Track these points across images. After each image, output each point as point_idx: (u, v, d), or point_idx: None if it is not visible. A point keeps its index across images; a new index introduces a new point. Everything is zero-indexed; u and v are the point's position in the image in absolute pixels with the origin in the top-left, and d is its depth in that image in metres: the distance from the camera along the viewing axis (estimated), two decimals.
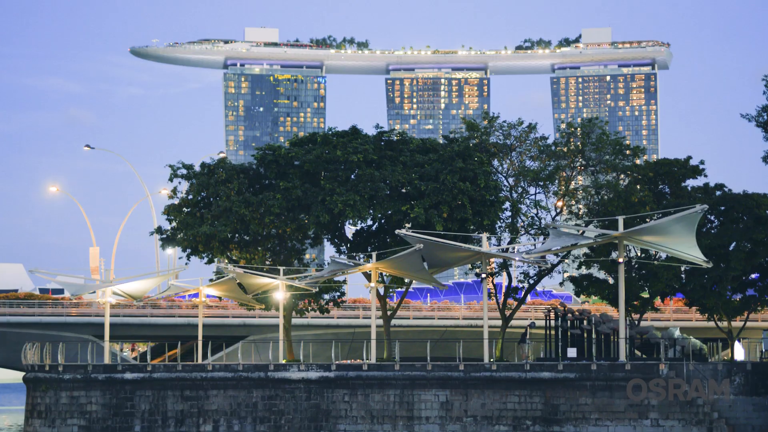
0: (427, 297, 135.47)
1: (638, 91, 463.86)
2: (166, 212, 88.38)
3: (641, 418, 71.02)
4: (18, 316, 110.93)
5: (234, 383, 76.58)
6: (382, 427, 73.98)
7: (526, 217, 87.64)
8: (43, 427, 78.49)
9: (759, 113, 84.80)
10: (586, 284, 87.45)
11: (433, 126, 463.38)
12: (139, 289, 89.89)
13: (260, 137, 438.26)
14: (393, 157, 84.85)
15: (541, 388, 72.57)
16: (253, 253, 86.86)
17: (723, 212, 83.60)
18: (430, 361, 74.73)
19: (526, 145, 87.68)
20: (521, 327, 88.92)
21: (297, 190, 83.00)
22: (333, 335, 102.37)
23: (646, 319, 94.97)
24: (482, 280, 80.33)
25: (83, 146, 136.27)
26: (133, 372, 78.69)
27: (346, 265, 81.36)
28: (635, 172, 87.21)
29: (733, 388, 72.33)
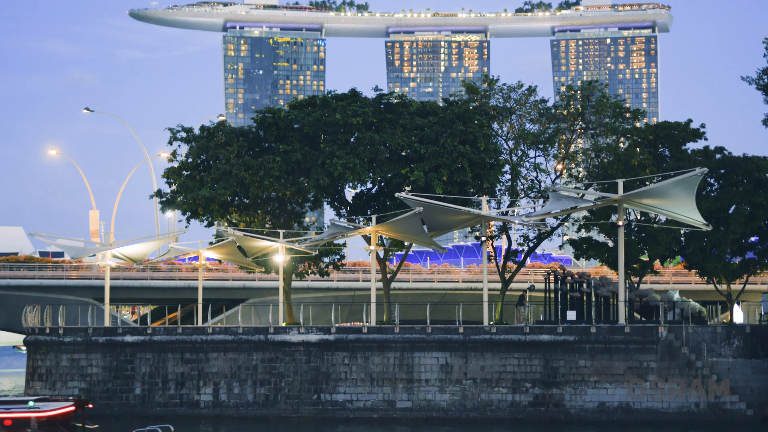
0: (426, 260, 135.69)
1: (638, 54, 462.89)
2: (166, 175, 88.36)
3: (640, 380, 71.26)
4: (18, 279, 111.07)
5: (234, 346, 76.78)
6: (381, 390, 74.22)
7: (526, 180, 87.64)
8: (43, 389, 78.71)
9: (759, 76, 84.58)
10: (586, 247, 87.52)
11: (433, 89, 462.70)
12: (139, 252, 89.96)
13: (260, 100, 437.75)
14: (393, 120, 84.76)
15: (540, 350, 72.76)
16: (252, 216, 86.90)
17: (723, 175, 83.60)
18: (429, 324, 74.91)
19: (526, 108, 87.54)
20: (521, 290, 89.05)
21: (296, 153, 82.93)
22: (333, 298, 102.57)
23: (645, 282, 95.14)
24: (482, 243, 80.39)
25: (83, 109, 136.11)
26: (134, 335, 78.89)
27: (345, 228, 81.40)
28: (635, 135, 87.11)
29: (732, 351, 72.52)
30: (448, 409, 73.18)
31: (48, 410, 39.41)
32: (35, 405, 39.37)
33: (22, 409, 39.31)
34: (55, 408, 39.88)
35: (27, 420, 39.10)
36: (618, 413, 70.89)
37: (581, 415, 71.27)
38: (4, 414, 39.19)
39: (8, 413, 39.19)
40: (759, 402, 71.09)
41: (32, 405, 39.23)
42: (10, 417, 39.15)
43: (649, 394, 70.91)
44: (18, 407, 39.53)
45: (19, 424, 39.37)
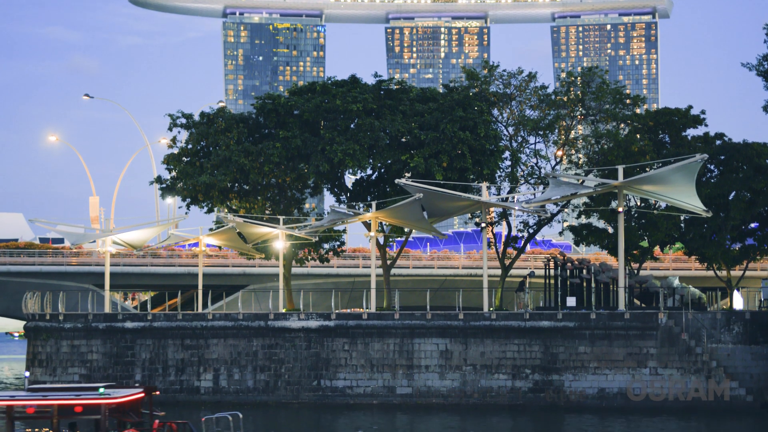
0: (426, 246, 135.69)
1: (639, 40, 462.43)
2: (166, 161, 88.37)
3: (640, 366, 71.32)
4: (18, 265, 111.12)
5: (234, 332, 76.83)
6: (381, 376, 74.27)
7: (526, 166, 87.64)
8: (44, 375, 78.81)
9: (760, 62, 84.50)
10: (586, 234, 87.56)
11: (433, 75, 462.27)
12: (139, 238, 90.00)
13: (260, 86, 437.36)
14: (393, 106, 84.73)
15: (540, 336, 72.81)
16: (252, 202, 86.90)
17: (723, 162, 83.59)
18: (429, 310, 74.94)
19: (526, 95, 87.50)
20: (521, 276, 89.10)
21: (296, 140, 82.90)
22: (333, 284, 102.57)
23: (645, 269, 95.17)
24: (482, 229, 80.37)
25: (83, 95, 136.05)
26: (134, 321, 78.93)
27: (345, 215, 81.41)
28: (635, 121, 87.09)
29: (732, 337, 72.57)
30: (448, 395, 73.26)
31: (118, 397, 39.39)
32: (105, 391, 39.35)
33: (92, 396, 39.26)
34: (125, 395, 39.86)
35: (97, 407, 39.06)
36: (618, 399, 70.96)
37: (581, 401, 71.34)
38: (75, 401, 39.19)
39: (78, 400, 39.18)
40: (758, 388, 71.14)
41: (102, 392, 39.21)
42: (80, 404, 39.14)
43: (649, 380, 70.97)
44: (88, 394, 39.50)
45: (90, 410, 39.36)
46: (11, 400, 39.55)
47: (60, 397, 39.64)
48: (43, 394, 40.14)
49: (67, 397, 39.58)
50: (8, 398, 39.77)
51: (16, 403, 39.53)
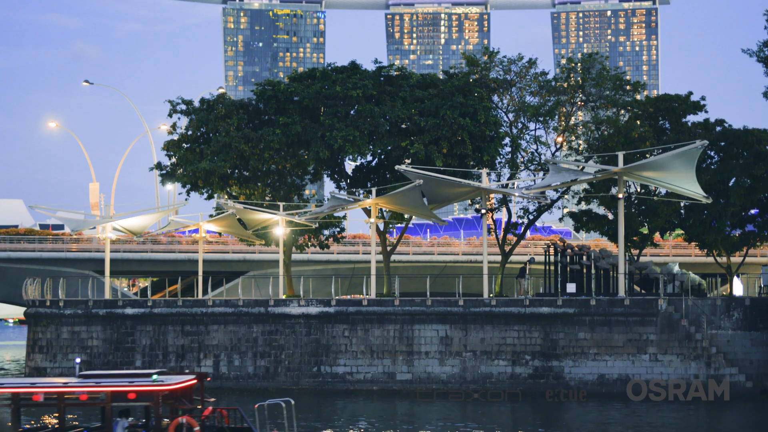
0: (426, 232, 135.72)
1: (639, 27, 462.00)
2: (166, 148, 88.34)
3: (640, 353, 71.39)
4: (18, 251, 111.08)
5: (234, 318, 76.89)
6: (381, 362, 74.35)
7: (526, 152, 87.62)
8: (44, 362, 78.87)
9: (760, 48, 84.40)
10: (586, 220, 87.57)
11: (433, 61, 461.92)
12: (139, 224, 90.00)
13: (259, 73, 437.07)
14: (392, 92, 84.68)
15: (540, 323, 72.86)
16: (252, 188, 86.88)
17: (723, 148, 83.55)
18: (429, 297, 74.98)
19: (526, 81, 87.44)
20: (521, 262, 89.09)
21: (296, 126, 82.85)
22: (333, 271, 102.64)
23: (645, 255, 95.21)
24: (482, 215, 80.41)
25: (82, 82, 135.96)
26: (134, 307, 78.98)
27: (345, 201, 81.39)
28: (635, 107, 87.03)
29: (732, 323, 72.62)
30: (448, 381, 73.34)
31: (172, 384, 39.24)
32: (159, 378, 39.21)
33: (145, 383, 39.11)
34: (178, 382, 39.69)
35: (151, 393, 38.91)
36: (617, 385, 71.02)
37: (581, 387, 71.40)
38: (128, 387, 39.05)
39: (132, 387, 39.04)
40: (758, 374, 71.25)
41: (156, 378, 39.06)
42: (134, 390, 39.01)
43: (649, 366, 71.02)
44: (141, 381, 39.34)
45: (143, 397, 39.25)
46: (63, 387, 39.31)
47: (113, 384, 39.39)
48: (96, 381, 39.89)
49: (120, 384, 39.36)
50: (60, 385, 39.54)
51: (68, 390, 39.28)
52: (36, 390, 39.54)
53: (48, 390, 39.62)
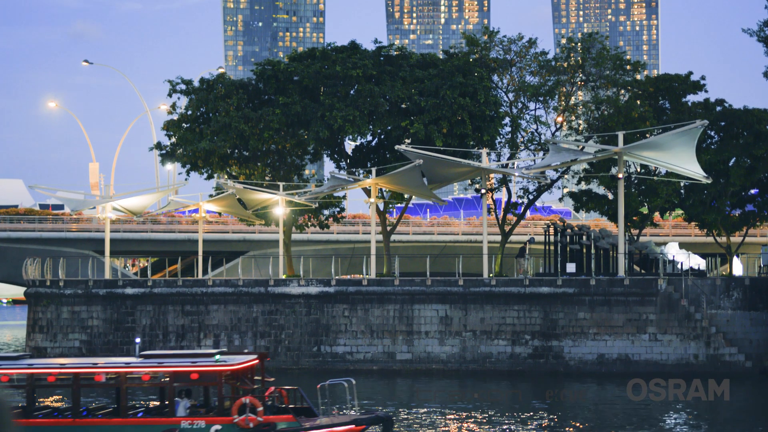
0: (426, 212, 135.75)
1: (639, 6, 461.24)
2: (166, 128, 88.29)
3: (639, 332, 71.46)
4: (18, 231, 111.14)
5: (234, 298, 76.95)
6: (381, 342, 74.43)
7: (526, 132, 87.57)
8: (44, 341, 78.96)
9: (760, 28, 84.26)
10: (586, 200, 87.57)
11: (433, 41, 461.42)
12: (139, 204, 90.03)
13: (259, 52, 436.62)
14: (392, 72, 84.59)
15: (540, 303, 72.92)
16: (252, 168, 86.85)
17: (723, 128, 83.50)
18: (429, 276, 75.03)
19: (526, 61, 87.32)
20: (521, 242, 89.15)
21: (296, 106, 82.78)
22: (333, 251, 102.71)
23: (645, 235, 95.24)
24: (482, 195, 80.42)
25: (82, 61, 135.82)
26: (134, 287, 79.05)
27: (345, 181, 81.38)
28: (635, 87, 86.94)
29: (731, 303, 72.67)
30: (448, 361, 73.44)
31: (234, 364, 39.08)
32: (221, 358, 39.02)
33: (208, 363, 38.93)
34: (241, 362, 39.51)
35: (213, 373, 38.73)
36: (617, 365, 71.13)
37: (580, 366, 71.51)
38: (191, 368, 38.86)
39: (195, 367, 38.85)
40: (757, 354, 71.33)
41: (218, 358, 38.86)
42: (197, 370, 38.81)
43: (648, 346, 71.12)
44: (204, 360, 39.13)
45: (206, 377, 39.03)
46: (126, 367, 39.09)
47: (175, 364, 39.22)
48: (158, 361, 39.66)
49: (182, 364, 39.18)
50: (123, 365, 39.31)
51: (129, 370, 39.09)
52: (98, 370, 39.29)
53: (110, 370, 39.40)
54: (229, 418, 38.08)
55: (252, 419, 37.82)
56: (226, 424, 38.08)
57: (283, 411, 39.26)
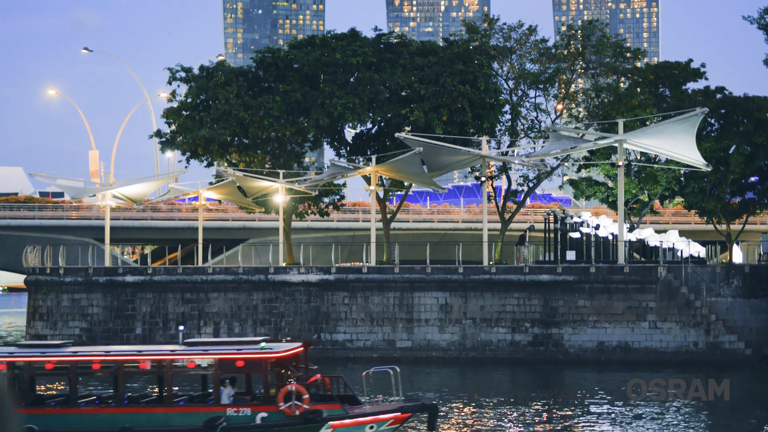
0: (426, 200, 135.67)
1: None
2: (165, 115, 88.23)
3: (639, 320, 71.46)
4: (18, 219, 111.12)
5: (234, 286, 76.96)
6: (381, 329, 74.45)
7: (526, 120, 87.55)
8: (44, 329, 78.98)
9: (761, 15, 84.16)
10: (586, 187, 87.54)
11: (433, 29, 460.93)
12: (139, 192, 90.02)
13: (259, 40, 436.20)
14: (392, 60, 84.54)
15: (539, 290, 72.93)
16: (252, 156, 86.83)
17: (723, 115, 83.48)
18: (429, 264, 75.00)
19: (526, 48, 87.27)
20: (521, 230, 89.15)
21: (296, 93, 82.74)
22: (333, 238, 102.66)
23: (645, 223, 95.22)
24: (482, 183, 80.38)
25: (82, 49, 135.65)
26: (134, 275, 79.06)
27: (345, 169, 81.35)
28: (635, 75, 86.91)
29: (731, 291, 72.66)
30: (448, 348, 73.46)
31: (280, 351, 38.86)
32: (267, 345, 38.80)
33: (253, 350, 38.69)
34: (286, 349, 39.29)
35: (259, 361, 38.46)
36: (617, 353, 71.16)
37: (580, 354, 71.54)
38: (237, 355, 38.66)
39: (241, 354, 38.64)
40: (757, 341, 71.34)
41: (264, 345, 38.63)
42: (243, 358, 38.58)
43: (648, 334, 71.15)
44: (249, 348, 38.87)
45: (252, 364, 38.80)
46: (171, 354, 38.75)
47: (221, 351, 38.89)
48: (203, 349, 39.36)
49: (228, 351, 38.86)
50: (168, 353, 39.00)
51: (175, 357, 38.79)
52: (143, 358, 39.00)
53: (154, 357, 39.14)
54: (275, 406, 37.65)
55: (298, 407, 37.36)
56: (272, 412, 37.67)
57: (327, 399, 38.97)
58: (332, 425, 37.68)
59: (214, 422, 37.48)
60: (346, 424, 37.84)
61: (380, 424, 38.09)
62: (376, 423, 38.04)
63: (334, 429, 37.74)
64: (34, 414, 38.12)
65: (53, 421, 38.10)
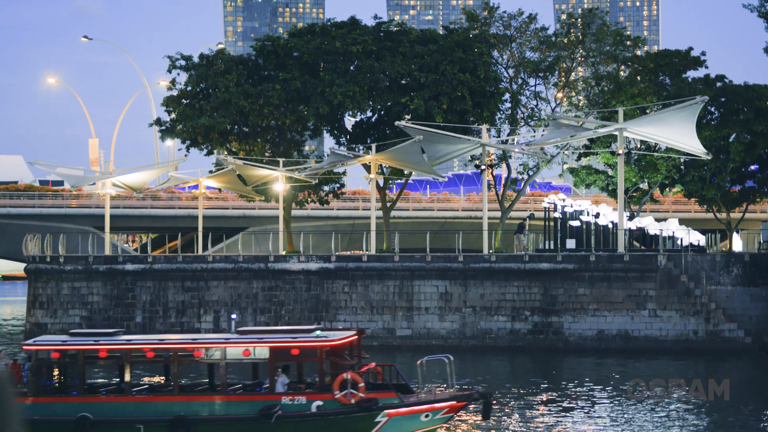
0: (426, 188, 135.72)
1: None
2: (165, 104, 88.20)
3: (639, 308, 71.50)
4: (18, 207, 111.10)
5: (234, 274, 76.99)
6: (381, 318, 74.49)
7: (526, 108, 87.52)
8: (45, 318, 79.05)
9: (761, 3, 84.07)
10: (586, 175, 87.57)
11: (433, 17, 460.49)
12: (139, 180, 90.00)
13: (259, 28, 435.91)
14: (392, 48, 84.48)
15: (539, 278, 72.95)
16: (252, 144, 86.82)
17: (723, 104, 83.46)
18: (429, 253, 75.02)
19: (527, 36, 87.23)
20: (520, 218, 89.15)
21: (296, 82, 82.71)
22: (333, 227, 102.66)
23: (645, 211, 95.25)
24: (482, 171, 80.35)
25: (81, 37, 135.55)
26: (134, 263, 79.09)
27: (345, 157, 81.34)
28: (635, 63, 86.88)
29: (731, 279, 72.69)
30: (448, 336, 73.51)
31: (335, 339, 38.74)
32: (322, 334, 38.66)
33: (309, 339, 38.56)
34: (341, 337, 39.19)
35: (314, 349, 38.33)
36: (617, 341, 71.22)
37: (580, 342, 71.59)
38: (292, 343, 38.52)
39: (296, 342, 38.49)
40: (757, 330, 71.37)
41: (319, 334, 38.50)
42: (298, 346, 38.44)
43: (648, 322, 71.19)
44: (304, 336, 38.73)
45: (306, 353, 38.67)
46: (226, 343, 38.63)
47: (275, 339, 38.77)
48: (258, 337, 39.15)
49: (283, 339, 38.75)
50: (223, 341, 38.89)
51: (229, 345, 38.69)
52: (197, 346, 38.97)
53: (210, 346, 39.05)
54: (331, 394, 37.46)
55: (354, 395, 37.19)
56: (328, 401, 37.51)
57: (382, 387, 38.80)
58: (388, 414, 37.61)
59: (269, 410, 37.38)
60: (402, 412, 37.76)
61: (436, 413, 38.02)
62: (431, 411, 37.97)
63: (390, 417, 37.66)
64: (87, 402, 38.22)
65: (106, 410, 38.14)
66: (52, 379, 39.83)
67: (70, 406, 38.28)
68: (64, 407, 38.31)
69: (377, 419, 37.54)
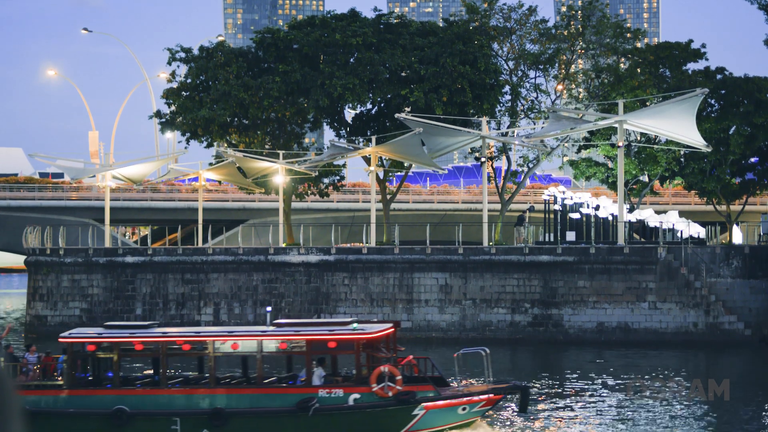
0: (426, 181, 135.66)
1: None
2: (165, 96, 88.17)
3: (639, 300, 71.52)
4: (18, 200, 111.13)
5: (234, 266, 77.00)
6: (381, 310, 74.50)
7: (526, 100, 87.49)
8: (45, 310, 79.06)
9: None
10: (585, 168, 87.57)
11: (433, 9, 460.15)
12: (139, 173, 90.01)
13: (259, 20, 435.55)
14: (392, 40, 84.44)
15: (539, 271, 72.96)
16: (252, 137, 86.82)
17: (723, 96, 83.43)
18: (429, 245, 75.03)
19: (527, 28, 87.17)
20: (520, 211, 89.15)
21: (296, 74, 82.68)
22: (333, 219, 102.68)
23: (645, 203, 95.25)
24: (482, 164, 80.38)
25: (81, 29, 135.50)
26: (134, 255, 79.10)
27: (345, 149, 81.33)
28: (636, 55, 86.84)
29: (731, 271, 72.69)
30: (448, 329, 73.54)
31: (372, 332, 38.64)
32: (359, 327, 38.55)
33: (345, 331, 38.45)
34: (378, 330, 39.06)
35: (351, 342, 38.25)
36: (616, 333, 71.24)
37: (580, 335, 71.61)
38: (329, 336, 38.42)
39: (333, 335, 38.39)
40: (757, 322, 71.39)
41: (356, 327, 38.39)
42: (335, 339, 38.36)
43: (648, 315, 71.21)
44: (342, 329, 38.57)
45: (343, 345, 38.57)
46: (263, 335, 38.54)
47: (312, 332, 38.64)
48: (295, 330, 39.04)
49: (320, 332, 38.64)
50: (259, 333, 38.83)
51: (265, 338, 38.47)
52: (234, 338, 38.86)
53: (246, 338, 38.95)
54: (368, 387, 37.41)
55: (391, 388, 37.12)
56: (365, 393, 37.46)
57: (419, 380, 38.69)
58: (425, 406, 37.51)
59: (306, 403, 37.31)
60: (439, 405, 37.67)
61: (473, 406, 37.94)
62: (468, 405, 37.90)
63: (428, 410, 37.57)
64: (123, 395, 38.21)
65: (143, 402, 38.12)
66: (87, 371, 39.78)
67: (105, 398, 38.23)
68: (99, 400, 38.28)
69: (414, 412, 37.48)
